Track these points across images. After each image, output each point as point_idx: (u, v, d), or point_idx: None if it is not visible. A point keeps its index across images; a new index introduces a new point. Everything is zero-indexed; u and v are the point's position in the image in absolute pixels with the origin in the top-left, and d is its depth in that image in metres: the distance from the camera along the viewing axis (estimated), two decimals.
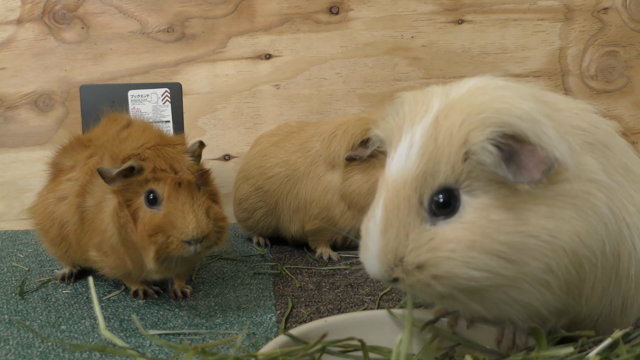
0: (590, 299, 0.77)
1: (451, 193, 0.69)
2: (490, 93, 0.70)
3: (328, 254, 1.54)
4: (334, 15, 1.96)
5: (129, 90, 1.61)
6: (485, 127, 0.67)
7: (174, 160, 1.09)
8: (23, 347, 1.00)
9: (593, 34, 1.98)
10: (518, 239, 0.67)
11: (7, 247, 1.70)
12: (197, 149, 1.14)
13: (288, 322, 1.09)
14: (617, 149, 0.79)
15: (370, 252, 0.73)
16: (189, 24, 1.95)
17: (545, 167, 0.66)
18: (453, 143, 0.68)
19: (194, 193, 1.07)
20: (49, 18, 1.92)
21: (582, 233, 0.70)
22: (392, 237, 0.70)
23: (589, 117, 0.78)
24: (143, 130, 1.20)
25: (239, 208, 1.70)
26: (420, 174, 0.70)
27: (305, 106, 1.99)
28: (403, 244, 0.70)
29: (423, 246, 0.69)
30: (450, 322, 0.87)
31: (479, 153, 0.67)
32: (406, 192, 0.70)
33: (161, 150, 1.09)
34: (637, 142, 2.05)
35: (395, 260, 0.70)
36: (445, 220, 0.69)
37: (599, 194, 0.72)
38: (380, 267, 0.72)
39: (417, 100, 0.75)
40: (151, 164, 1.07)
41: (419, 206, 0.70)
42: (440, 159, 0.69)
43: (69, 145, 1.32)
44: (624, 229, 0.76)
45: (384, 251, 0.71)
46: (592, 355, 0.71)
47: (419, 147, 0.70)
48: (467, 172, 0.68)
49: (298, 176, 1.55)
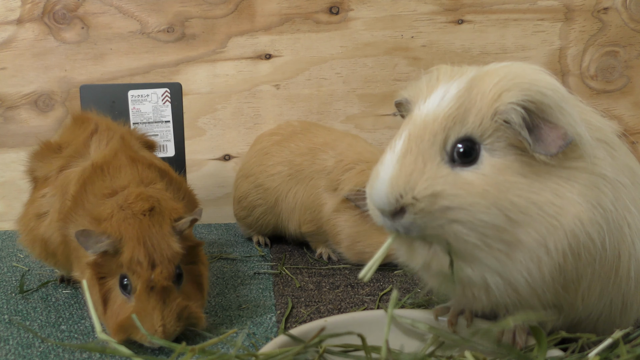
0: (588, 297, 0.77)
1: (473, 145, 0.72)
2: (526, 68, 0.75)
3: (328, 253, 1.54)
4: (334, 15, 1.96)
5: (129, 90, 1.61)
6: (518, 90, 0.71)
7: (156, 247, 0.95)
8: (23, 347, 1.00)
9: (593, 34, 1.98)
10: (525, 204, 0.70)
11: (7, 247, 1.70)
12: (187, 228, 1.01)
13: (288, 322, 1.09)
14: (621, 150, 0.81)
15: (380, 178, 0.73)
16: (189, 24, 1.95)
17: (563, 143, 0.70)
18: (485, 99, 0.72)
19: (168, 296, 0.95)
20: (49, 18, 1.92)
21: (585, 220, 0.71)
22: (408, 164, 0.72)
23: (597, 117, 0.81)
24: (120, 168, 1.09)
25: (238, 206, 1.70)
26: (451, 115, 0.72)
27: (305, 106, 1.99)
28: (419, 171, 0.71)
29: (439, 178, 0.71)
30: (450, 321, 0.87)
31: (507, 112, 0.70)
32: (434, 127, 0.72)
33: (144, 226, 0.96)
34: (637, 142, 2.05)
35: (407, 187, 0.71)
36: (463, 168, 0.72)
37: (605, 190, 0.74)
38: (391, 192, 0.72)
39: (453, 69, 0.79)
40: (129, 252, 0.94)
41: (442, 146, 0.72)
42: (470, 109, 0.72)
43: (39, 151, 1.27)
44: (625, 228, 0.76)
45: (397, 177, 0.72)
46: (592, 356, 0.71)
47: (454, 94, 0.73)
48: (493, 131, 0.72)
49: (300, 177, 1.55)
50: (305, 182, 1.54)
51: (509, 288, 0.73)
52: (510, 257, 0.71)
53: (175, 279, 0.98)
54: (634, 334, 0.83)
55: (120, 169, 1.09)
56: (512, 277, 0.72)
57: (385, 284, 1.31)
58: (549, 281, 0.73)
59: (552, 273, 0.72)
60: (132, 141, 1.25)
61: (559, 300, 0.77)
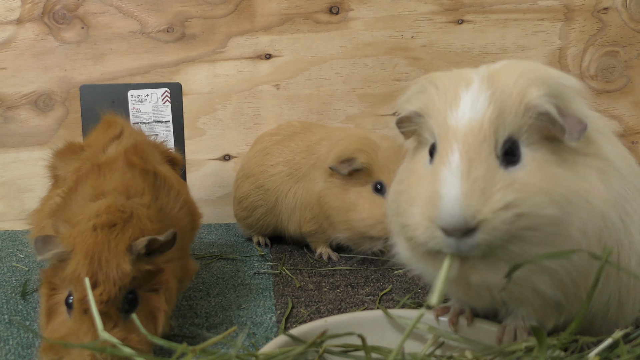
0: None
1: (515, 143, 0.73)
2: (530, 63, 0.77)
3: (328, 254, 1.54)
4: (334, 15, 1.96)
5: (129, 90, 1.61)
6: (541, 83, 0.73)
7: (102, 265, 0.85)
8: (23, 347, 1.00)
9: (593, 34, 1.98)
10: (569, 194, 0.71)
11: (7, 247, 1.70)
12: (142, 248, 0.88)
13: (288, 322, 1.09)
14: (615, 141, 0.84)
15: (450, 197, 0.69)
16: (189, 24, 1.95)
17: (581, 127, 0.73)
18: (512, 97, 0.73)
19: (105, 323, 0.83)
20: (49, 18, 1.92)
21: (607, 201, 0.74)
22: (479, 177, 0.69)
23: (596, 114, 0.84)
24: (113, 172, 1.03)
25: (238, 207, 1.70)
26: (495, 117, 0.72)
27: (305, 106, 1.99)
28: (491, 184, 0.70)
29: (509, 187, 0.70)
30: (451, 321, 0.87)
31: (540, 105, 0.72)
32: (484, 133, 0.72)
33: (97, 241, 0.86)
34: (637, 142, 2.05)
35: (481, 202, 0.69)
36: (512, 168, 0.72)
37: (612, 174, 0.77)
38: (466, 209, 0.68)
39: (450, 75, 0.79)
40: (73, 265, 0.85)
41: (494, 151, 0.72)
42: (504, 109, 0.73)
43: (62, 150, 1.26)
44: (624, 216, 0.77)
45: (471, 192, 0.69)
46: (592, 356, 0.71)
47: (486, 97, 0.73)
48: (528, 126, 0.73)
49: (299, 175, 1.55)
50: (304, 179, 1.54)
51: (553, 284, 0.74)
52: (563, 247, 0.70)
53: (127, 304, 0.87)
54: (634, 334, 0.83)
55: (112, 173, 1.03)
56: (556, 272, 0.72)
57: (385, 284, 1.31)
58: (579, 268, 0.74)
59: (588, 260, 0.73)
60: (151, 152, 1.19)
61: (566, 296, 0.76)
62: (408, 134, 0.85)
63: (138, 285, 0.89)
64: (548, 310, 0.79)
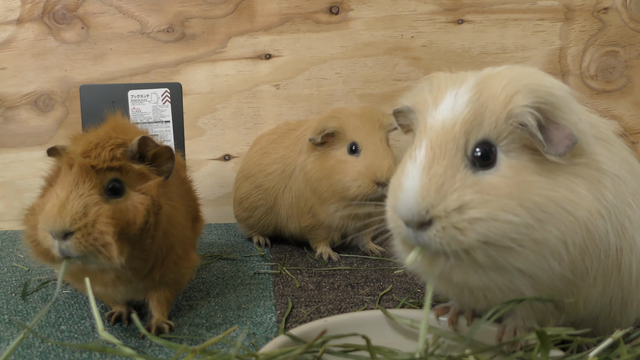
0: (591, 294, 0.77)
1: (491, 148, 0.73)
2: (528, 69, 0.76)
3: (328, 254, 1.54)
4: (334, 15, 1.96)
5: (129, 90, 1.61)
6: (528, 92, 0.72)
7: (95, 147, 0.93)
8: (23, 347, 1.00)
9: (593, 34, 1.98)
10: (546, 202, 0.71)
11: (7, 247, 1.70)
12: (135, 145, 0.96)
13: (288, 322, 1.09)
14: (619, 146, 0.83)
15: (408, 189, 0.71)
16: (189, 24, 1.94)
17: (570, 143, 0.71)
18: (497, 101, 0.72)
19: (85, 180, 0.90)
20: (49, 18, 1.92)
21: (594, 212, 0.73)
22: (437, 174, 0.71)
23: (594, 116, 0.83)
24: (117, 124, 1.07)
25: (239, 207, 1.70)
26: (469, 119, 0.72)
27: (305, 106, 1.99)
28: (449, 182, 0.71)
29: (467, 187, 0.70)
30: (451, 320, 0.87)
31: (521, 115, 0.71)
32: (455, 133, 0.72)
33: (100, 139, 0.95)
34: (637, 142, 2.05)
35: (437, 198, 0.70)
36: (484, 171, 0.72)
37: (607, 183, 0.75)
38: (420, 203, 0.70)
39: (448, 76, 0.79)
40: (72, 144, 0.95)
41: (464, 152, 0.72)
42: (484, 112, 0.73)
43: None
44: (625, 221, 0.77)
45: (427, 188, 0.70)
46: (592, 356, 0.71)
47: (467, 98, 0.74)
48: (508, 133, 0.72)
49: (291, 170, 1.56)
50: (294, 172, 1.55)
51: (535, 287, 0.74)
52: (539, 255, 0.71)
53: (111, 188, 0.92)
54: (634, 334, 0.83)
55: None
56: (537, 275, 0.73)
57: (385, 284, 1.31)
58: (569, 276, 0.74)
59: (570, 268, 0.73)
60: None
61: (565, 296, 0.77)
62: (406, 129, 0.86)
63: (128, 183, 0.95)
64: (547, 311, 0.79)
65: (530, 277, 0.73)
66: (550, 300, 0.75)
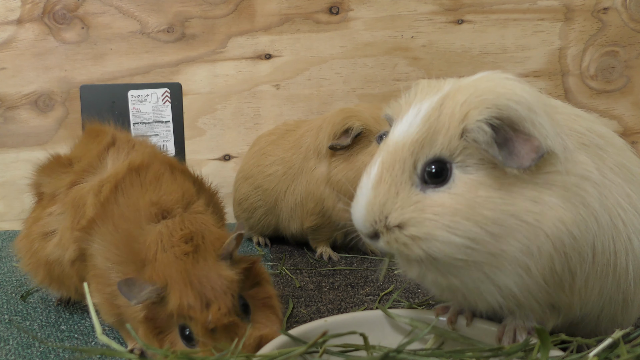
0: (587, 296, 0.77)
1: (444, 165, 0.73)
2: (494, 80, 0.74)
3: (328, 253, 1.54)
4: (334, 15, 1.96)
5: (129, 90, 1.61)
6: (484, 107, 0.70)
7: (204, 283, 0.82)
8: (23, 347, 1.00)
9: (593, 34, 1.98)
10: (501, 216, 0.70)
11: (7, 247, 1.70)
12: (233, 248, 0.87)
13: (288, 322, 1.09)
14: (612, 150, 0.81)
15: (359, 203, 0.76)
16: (189, 24, 1.95)
17: (536, 156, 0.70)
18: (453, 119, 0.72)
19: (236, 332, 0.82)
20: (49, 18, 1.92)
21: (569, 222, 0.72)
22: (381, 192, 0.74)
23: (585, 123, 0.81)
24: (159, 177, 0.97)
25: (239, 208, 1.70)
26: (420, 139, 0.73)
27: (305, 106, 1.99)
28: (391, 201, 0.73)
29: (409, 206, 0.72)
30: (450, 319, 0.87)
31: (474, 131, 0.70)
32: (404, 153, 0.74)
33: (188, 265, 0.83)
34: (637, 142, 2.05)
35: (381, 215, 0.74)
36: (435, 189, 0.73)
37: (590, 190, 0.74)
38: (366, 219, 0.75)
39: (430, 84, 0.80)
40: (176, 297, 0.80)
41: (413, 170, 0.74)
42: (439, 130, 0.73)
43: (48, 165, 1.16)
44: (619, 225, 0.77)
45: (372, 204, 0.74)
46: (592, 356, 0.71)
47: (423, 115, 0.74)
48: (462, 149, 0.72)
49: (294, 173, 1.55)
50: (300, 175, 1.54)
51: (503, 294, 0.74)
52: (498, 266, 0.72)
53: (241, 310, 0.84)
54: (634, 334, 0.83)
55: (159, 179, 0.97)
56: (503, 284, 0.73)
57: (385, 284, 1.31)
58: (542, 283, 0.74)
59: (543, 275, 0.73)
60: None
61: (556, 300, 0.77)
62: None
63: (243, 288, 0.87)
64: (547, 311, 0.79)
65: (495, 284, 0.73)
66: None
